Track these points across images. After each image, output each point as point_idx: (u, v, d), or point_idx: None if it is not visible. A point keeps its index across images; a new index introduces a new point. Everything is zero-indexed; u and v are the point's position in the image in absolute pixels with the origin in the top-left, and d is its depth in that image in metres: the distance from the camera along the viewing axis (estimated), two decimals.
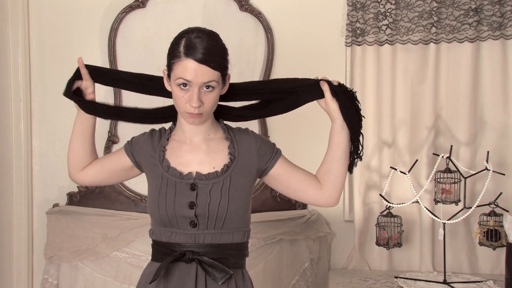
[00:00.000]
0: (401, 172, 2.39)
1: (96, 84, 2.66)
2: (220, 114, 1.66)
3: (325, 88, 1.59)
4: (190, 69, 1.45)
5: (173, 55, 1.50)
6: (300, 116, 2.68)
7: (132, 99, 2.63)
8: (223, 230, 1.54)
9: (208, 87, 1.48)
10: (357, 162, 1.63)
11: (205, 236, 1.53)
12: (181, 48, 1.47)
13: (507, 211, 2.31)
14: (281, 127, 2.65)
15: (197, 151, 1.59)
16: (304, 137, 2.67)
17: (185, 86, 1.47)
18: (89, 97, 1.68)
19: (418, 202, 2.35)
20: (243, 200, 1.57)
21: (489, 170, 2.34)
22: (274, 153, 1.64)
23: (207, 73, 1.46)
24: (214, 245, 1.54)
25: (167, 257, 1.54)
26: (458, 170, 2.35)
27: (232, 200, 1.54)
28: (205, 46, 1.46)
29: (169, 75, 1.53)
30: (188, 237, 1.53)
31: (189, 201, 1.52)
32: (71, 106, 2.68)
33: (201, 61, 1.45)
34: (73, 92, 1.67)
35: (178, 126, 1.63)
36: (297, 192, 1.64)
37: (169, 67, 1.51)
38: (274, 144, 1.67)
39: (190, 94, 1.47)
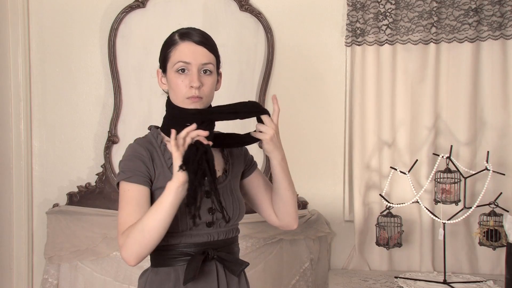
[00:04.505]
0: (401, 172, 2.39)
1: (94, 83, 2.69)
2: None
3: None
4: (188, 50, 1.50)
5: (168, 45, 1.54)
6: (300, 115, 2.69)
7: (133, 99, 2.64)
8: (230, 227, 1.58)
9: (205, 71, 1.52)
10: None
11: (218, 233, 1.55)
12: (177, 36, 1.54)
13: (507, 211, 2.31)
14: (281, 127, 2.65)
15: None
16: (304, 136, 2.68)
17: (183, 71, 1.50)
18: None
19: (418, 202, 2.35)
20: (242, 198, 1.65)
21: (489, 170, 2.34)
22: (252, 163, 1.72)
23: (204, 55, 1.52)
24: (225, 241, 1.57)
25: (178, 259, 1.51)
26: (458, 170, 2.35)
27: (240, 200, 1.61)
28: (199, 32, 1.55)
29: (164, 69, 1.55)
30: (203, 236, 1.53)
31: (208, 207, 1.52)
32: (71, 106, 2.71)
33: (198, 42, 1.51)
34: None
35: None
36: (260, 211, 1.71)
37: (165, 58, 1.55)
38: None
39: (190, 77, 1.50)
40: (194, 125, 1.40)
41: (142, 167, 1.50)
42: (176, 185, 1.37)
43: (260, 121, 1.53)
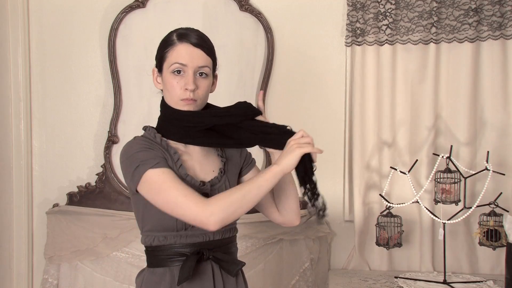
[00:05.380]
0: (401, 172, 2.39)
1: (94, 83, 2.69)
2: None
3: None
4: (185, 52, 1.49)
5: (166, 45, 1.53)
6: (300, 115, 2.69)
7: (133, 99, 2.64)
8: (227, 227, 1.57)
9: (201, 74, 1.51)
10: (322, 211, 1.56)
11: (214, 234, 1.54)
12: (174, 37, 1.53)
13: (507, 211, 2.31)
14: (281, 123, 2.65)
15: (196, 155, 1.59)
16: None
17: (179, 73, 1.50)
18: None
19: (418, 202, 2.35)
20: None
21: (489, 170, 2.34)
22: (251, 159, 1.71)
23: (201, 57, 1.51)
24: (221, 241, 1.56)
25: (173, 260, 1.51)
26: (458, 170, 2.35)
27: None
28: (197, 33, 1.54)
29: (160, 69, 1.55)
30: (199, 237, 1.53)
31: None
32: (71, 106, 2.71)
33: (195, 44, 1.50)
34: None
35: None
36: (262, 208, 1.67)
37: (162, 58, 1.54)
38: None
39: (185, 79, 1.49)
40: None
41: (160, 154, 1.49)
42: (284, 171, 1.42)
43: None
